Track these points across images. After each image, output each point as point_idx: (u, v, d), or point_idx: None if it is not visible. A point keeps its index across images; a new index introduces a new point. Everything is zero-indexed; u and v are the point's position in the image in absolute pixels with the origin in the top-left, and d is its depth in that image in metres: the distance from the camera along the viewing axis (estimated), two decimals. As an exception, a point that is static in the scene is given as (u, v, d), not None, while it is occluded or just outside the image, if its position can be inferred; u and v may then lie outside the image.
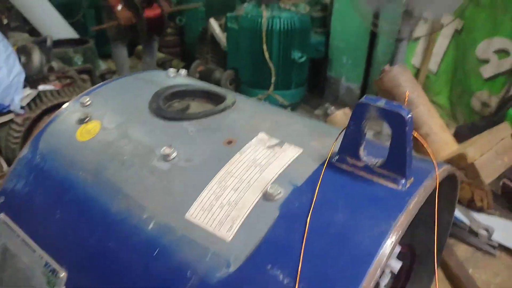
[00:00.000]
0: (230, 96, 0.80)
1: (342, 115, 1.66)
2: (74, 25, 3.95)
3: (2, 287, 0.73)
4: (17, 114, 2.39)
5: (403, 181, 0.57)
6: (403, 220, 0.52)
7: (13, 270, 0.70)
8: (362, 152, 0.60)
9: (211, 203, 0.58)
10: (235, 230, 0.55)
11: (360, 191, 0.57)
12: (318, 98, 3.91)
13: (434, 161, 0.62)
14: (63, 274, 0.62)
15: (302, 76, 3.57)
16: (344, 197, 0.56)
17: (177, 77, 0.92)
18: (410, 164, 0.57)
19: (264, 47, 3.31)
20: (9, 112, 2.36)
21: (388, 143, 0.57)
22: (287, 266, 0.50)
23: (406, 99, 0.65)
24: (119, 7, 3.15)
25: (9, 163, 2.31)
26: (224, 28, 3.68)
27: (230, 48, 3.62)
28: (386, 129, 2.43)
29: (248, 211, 0.56)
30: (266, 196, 0.57)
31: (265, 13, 3.26)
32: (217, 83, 3.72)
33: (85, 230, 0.63)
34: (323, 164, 0.61)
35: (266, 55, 3.33)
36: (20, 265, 0.68)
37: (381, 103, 0.56)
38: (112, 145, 0.70)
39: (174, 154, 0.65)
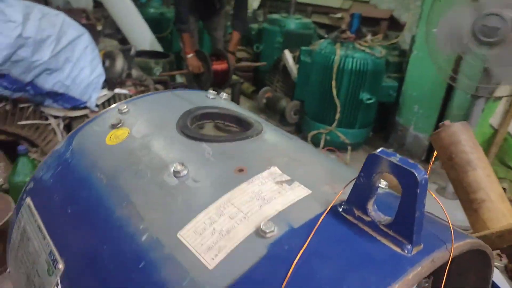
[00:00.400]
0: (258, 125, 0.80)
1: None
2: (161, 39, 4.24)
3: (15, 267, 0.78)
4: (91, 111, 2.59)
5: (409, 246, 0.52)
6: (394, 288, 0.47)
7: (25, 252, 0.74)
8: (370, 206, 0.56)
9: (205, 227, 0.58)
10: (219, 260, 0.53)
11: (359, 247, 0.53)
12: (383, 142, 3.77)
13: (451, 231, 0.56)
14: (61, 266, 0.65)
15: (368, 117, 3.48)
16: (339, 250, 0.52)
17: (216, 99, 0.94)
18: (420, 229, 0.52)
19: (333, 83, 3.29)
20: (85, 107, 2.57)
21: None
22: (258, 310, 0.47)
23: (431, 163, 0.60)
24: (191, 55, 3.40)
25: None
26: (297, 60, 3.72)
27: (299, 80, 3.65)
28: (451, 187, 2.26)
29: (237, 243, 0.55)
30: (258, 232, 0.55)
31: (339, 51, 3.25)
32: (282, 111, 3.75)
33: (87, 229, 0.65)
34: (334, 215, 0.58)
35: (334, 91, 3.31)
36: (31, 248, 0.73)
37: (395, 158, 0.52)
38: (133, 153, 0.72)
39: (185, 172, 0.66)
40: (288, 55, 3.80)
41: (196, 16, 3.51)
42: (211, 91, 0.95)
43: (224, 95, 0.98)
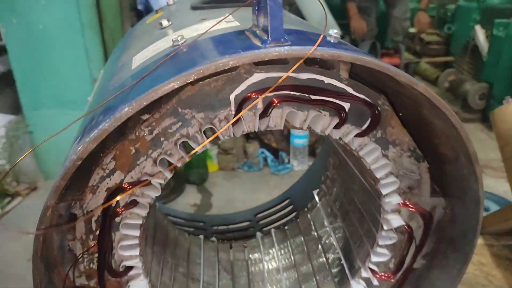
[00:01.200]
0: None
1: (518, 109, 1.24)
2: (342, 25, 4.33)
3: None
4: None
5: (267, 40, 0.53)
6: (204, 69, 0.50)
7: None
8: (264, 21, 0.58)
9: (149, 48, 0.71)
10: (140, 61, 0.67)
11: (228, 42, 0.58)
12: None
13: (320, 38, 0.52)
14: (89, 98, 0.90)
15: None
16: (213, 43, 0.59)
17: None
18: (277, 22, 0.52)
19: (530, 59, 2.71)
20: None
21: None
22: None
23: None
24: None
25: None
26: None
27: (490, 58, 3.14)
28: None
29: (155, 53, 0.66)
30: (173, 43, 0.65)
31: (542, 18, 2.66)
32: (465, 95, 3.31)
33: (109, 70, 0.88)
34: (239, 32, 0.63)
35: (530, 69, 2.72)
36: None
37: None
38: (152, 23, 0.92)
39: (167, 24, 0.81)
40: (479, 31, 3.31)
41: None
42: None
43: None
